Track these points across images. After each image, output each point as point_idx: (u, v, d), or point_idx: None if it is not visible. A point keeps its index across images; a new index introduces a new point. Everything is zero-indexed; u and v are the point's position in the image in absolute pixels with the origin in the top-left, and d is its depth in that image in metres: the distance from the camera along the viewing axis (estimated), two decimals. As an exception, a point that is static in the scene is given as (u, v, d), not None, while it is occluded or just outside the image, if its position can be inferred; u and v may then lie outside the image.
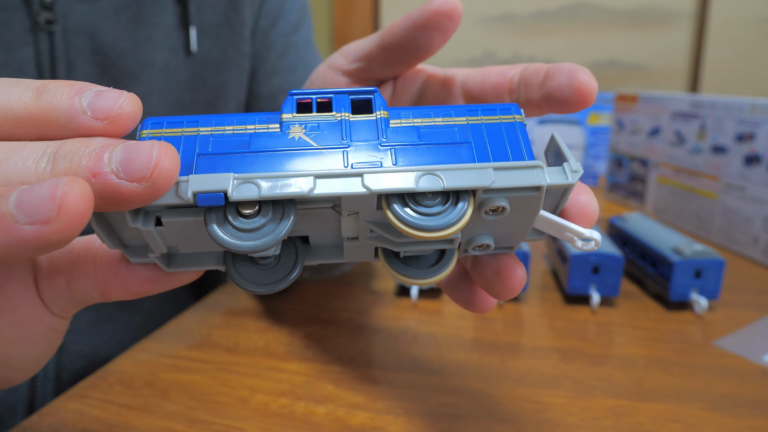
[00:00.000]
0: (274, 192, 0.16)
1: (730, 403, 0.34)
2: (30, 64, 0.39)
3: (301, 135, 0.18)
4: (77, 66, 0.41)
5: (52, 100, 0.16)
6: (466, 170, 0.17)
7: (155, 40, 0.44)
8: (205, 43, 0.47)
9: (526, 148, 0.19)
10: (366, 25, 1.56)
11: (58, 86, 0.17)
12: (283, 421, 0.31)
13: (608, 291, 0.46)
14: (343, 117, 0.18)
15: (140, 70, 0.43)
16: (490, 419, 0.32)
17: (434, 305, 0.47)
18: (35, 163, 0.15)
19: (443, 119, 0.19)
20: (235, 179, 0.16)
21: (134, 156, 0.15)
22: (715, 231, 0.67)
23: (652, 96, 0.81)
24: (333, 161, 0.18)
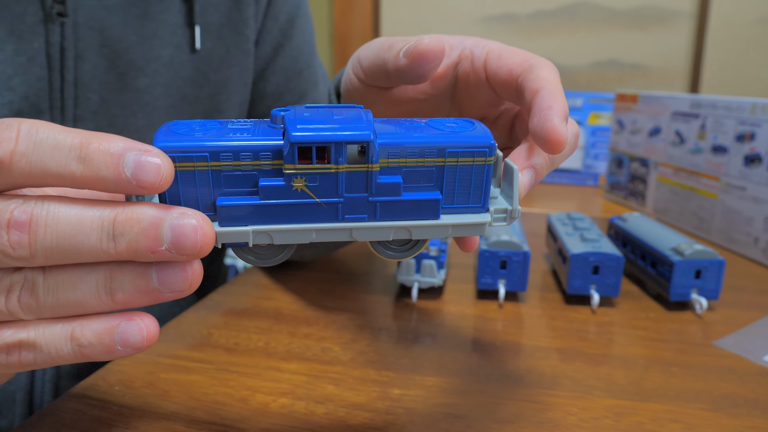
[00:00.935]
0: (282, 241, 0.22)
1: (731, 403, 0.34)
2: (40, 54, 0.40)
3: (303, 188, 0.21)
4: (85, 58, 0.42)
5: (99, 171, 0.18)
6: (428, 228, 0.23)
7: (161, 36, 0.45)
8: (208, 41, 0.49)
9: (485, 193, 0.23)
10: (366, 25, 1.56)
11: (98, 154, 0.18)
12: (283, 421, 0.31)
13: (608, 291, 0.46)
14: (338, 170, 0.21)
15: (146, 63, 0.45)
16: (490, 419, 0.32)
17: (434, 305, 0.47)
18: (99, 241, 0.19)
19: (424, 160, 0.22)
20: (253, 233, 0.21)
21: (183, 239, 0.19)
22: (715, 231, 0.67)
23: (652, 96, 0.81)
24: (329, 213, 0.22)
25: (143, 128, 0.46)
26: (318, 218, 0.22)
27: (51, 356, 0.20)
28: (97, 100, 0.43)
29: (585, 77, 1.46)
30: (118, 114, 0.45)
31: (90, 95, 0.43)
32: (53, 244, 0.19)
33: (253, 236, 0.21)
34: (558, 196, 0.98)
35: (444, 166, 0.22)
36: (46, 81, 0.41)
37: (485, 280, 0.47)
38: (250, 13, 0.52)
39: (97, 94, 0.43)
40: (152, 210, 0.19)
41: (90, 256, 0.19)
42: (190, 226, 0.19)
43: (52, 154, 0.18)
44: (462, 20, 1.51)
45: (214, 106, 0.50)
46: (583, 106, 1.11)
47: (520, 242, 0.47)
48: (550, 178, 1.15)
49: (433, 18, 1.52)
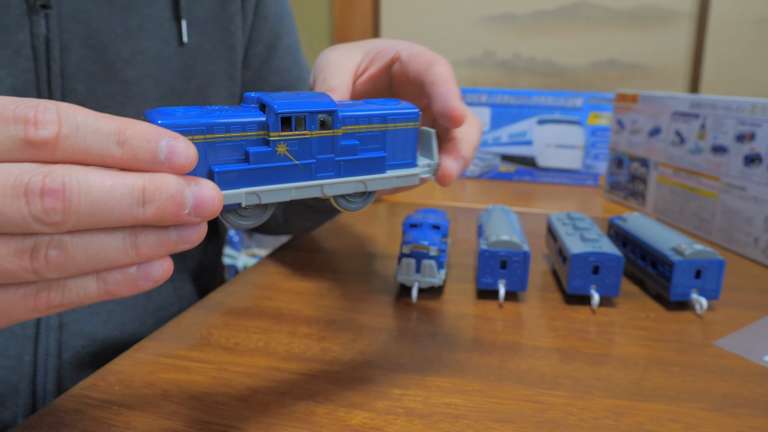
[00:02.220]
0: (268, 200, 0.26)
1: (731, 403, 0.34)
2: (26, 46, 0.40)
3: (285, 152, 0.26)
4: (71, 49, 0.43)
5: (137, 155, 0.21)
6: (379, 180, 0.29)
7: (146, 29, 0.46)
8: (194, 35, 0.50)
9: (413, 151, 0.31)
10: (366, 25, 1.56)
11: (136, 140, 0.21)
12: (283, 420, 0.31)
13: (608, 291, 0.46)
14: (312, 135, 0.27)
15: (132, 56, 0.46)
16: (490, 419, 0.32)
17: (434, 305, 0.47)
18: (129, 207, 0.20)
19: (372, 126, 0.29)
20: (246, 194, 0.25)
21: (203, 204, 0.22)
22: (715, 231, 0.67)
23: (652, 96, 0.81)
24: (305, 173, 0.27)
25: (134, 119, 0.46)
26: (296, 178, 0.27)
27: (78, 296, 0.21)
28: (84, 91, 0.44)
29: (585, 77, 1.46)
30: (107, 105, 0.45)
31: (77, 86, 0.43)
32: (86, 210, 0.19)
33: (246, 197, 0.25)
34: (558, 196, 0.98)
35: (386, 130, 0.29)
36: (33, 72, 0.41)
37: (485, 280, 0.47)
38: (235, 10, 0.53)
39: (84, 85, 0.44)
40: (174, 179, 0.21)
41: (119, 221, 0.20)
42: (208, 192, 0.22)
43: (93, 138, 0.20)
44: (462, 20, 1.51)
45: (202, 99, 0.51)
46: (583, 106, 1.11)
47: (520, 242, 0.47)
48: (551, 179, 1.15)
49: (433, 18, 1.52)
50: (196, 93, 0.51)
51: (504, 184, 1.12)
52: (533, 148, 1.14)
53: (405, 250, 0.47)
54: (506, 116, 1.15)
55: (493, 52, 1.51)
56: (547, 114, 1.13)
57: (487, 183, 1.12)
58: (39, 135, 0.19)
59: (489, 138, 1.17)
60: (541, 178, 1.14)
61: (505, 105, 1.15)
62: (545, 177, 1.14)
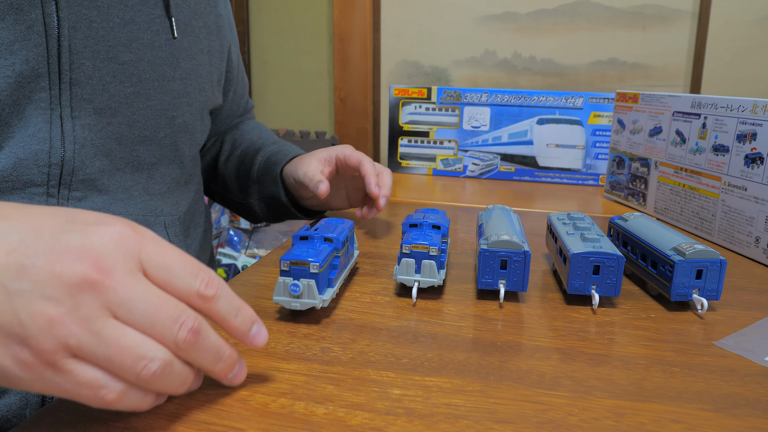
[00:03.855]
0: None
1: (732, 404, 0.34)
2: (38, 23, 0.45)
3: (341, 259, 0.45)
4: (78, 28, 0.47)
5: (242, 325, 0.32)
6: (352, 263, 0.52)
7: (139, 22, 0.52)
8: (180, 32, 0.57)
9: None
10: (366, 25, 1.56)
11: (246, 317, 0.33)
12: (283, 421, 0.31)
13: (609, 291, 0.46)
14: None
15: (129, 42, 0.51)
16: (490, 419, 0.32)
17: (434, 305, 0.47)
18: (214, 361, 0.31)
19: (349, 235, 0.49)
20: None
21: (237, 380, 0.34)
22: (716, 231, 0.67)
23: (653, 95, 0.81)
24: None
25: (131, 95, 0.52)
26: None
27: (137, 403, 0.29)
28: (90, 67, 0.49)
29: (585, 76, 1.46)
30: (109, 81, 0.50)
31: (84, 62, 0.48)
32: (198, 350, 0.30)
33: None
34: (558, 195, 0.98)
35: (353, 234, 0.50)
36: (44, 47, 0.46)
37: (485, 280, 0.47)
38: (210, 21, 0.63)
39: (89, 61, 0.49)
40: (234, 361, 0.33)
41: (207, 366, 0.32)
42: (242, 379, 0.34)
43: (226, 304, 0.31)
44: (462, 19, 1.50)
45: (184, 89, 0.58)
46: (584, 105, 1.11)
47: (520, 242, 0.46)
48: (551, 178, 1.14)
49: (433, 17, 1.52)
50: (181, 82, 0.57)
51: (504, 184, 1.11)
52: (533, 148, 1.14)
53: (405, 250, 0.47)
54: (506, 116, 1.15)
55: (493, 52, 1.50)
56: (547, 114, 1.13)
57: (487, 183, 1.12)
58: (206, 292, 0.30)
59: (489, 138, 1.17)
60: (541, 178, 1.14)
61: (505, 105, 1.15)
62: (545, 177, 1.14)
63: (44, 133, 0.47)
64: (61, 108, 0.47)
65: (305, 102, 1.70)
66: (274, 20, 1.68)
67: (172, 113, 0.56)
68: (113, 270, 0.27)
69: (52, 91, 0.47)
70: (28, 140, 0.46)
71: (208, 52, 0.63)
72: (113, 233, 0.28)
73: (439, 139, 1.19)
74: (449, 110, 1.18)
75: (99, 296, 0.27)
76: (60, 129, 0.47)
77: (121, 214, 0.53)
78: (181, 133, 0.59)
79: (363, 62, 1.58)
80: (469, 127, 1.18)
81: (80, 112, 0.49)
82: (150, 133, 0.55)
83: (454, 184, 1.08)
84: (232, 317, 0.31)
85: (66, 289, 0.26)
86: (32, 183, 0.47)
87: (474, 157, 1.18)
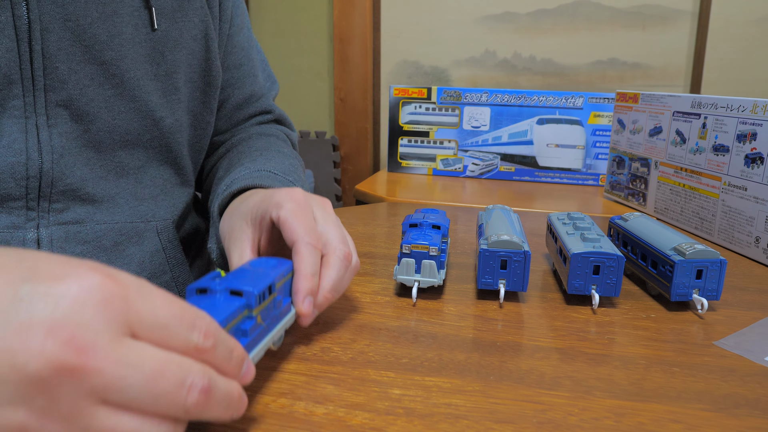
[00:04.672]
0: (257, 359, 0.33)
1: (732, 404, 0.34)
2: (8, 26, 0.42)
3: (259, 319, 0.33)
4: (51, 30, 0.45)
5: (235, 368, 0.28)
6: (290, 320, 0.38)
7: (121, 14, 0.49)
8: (163, 23, 0.53)
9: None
10: (366, 25, 1.56)
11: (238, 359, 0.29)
12: (283, 421, 0.31)
13: (609, 291, 0.46)
14: (268, 302, 0.35)
15: (110, 38, 0.48)
16: (490, 419, 0.32)
17: (434, 305, 0.47)
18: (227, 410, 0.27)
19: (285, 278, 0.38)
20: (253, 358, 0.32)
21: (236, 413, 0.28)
22: (716, 231, 0.67)
23: (653, 95, 0.81)
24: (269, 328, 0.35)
25: (111, 98, 0.49)
26: (264, 335, 0.34)
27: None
28: (65, 70, 0.46)
29: (585, 76, 1.46)
30: (87, 84, 0.47)
31: (58, 65, 0.45)
32: (210, 404, 0.26)
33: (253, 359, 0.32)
34: (558, 195, 0.98)
35: (288, 281, 0.38)
36: (16, 52, 0.43)
37: (485, 280, 0.47)
38: (198, 5, 0.56)
39: (64, 64, 0.46)
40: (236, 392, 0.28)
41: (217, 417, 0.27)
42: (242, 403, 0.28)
43: (222, 352, 0.27)
44: (462, 19, 1.50)
45: (171, 83, 0.54)
46: (584, 105, 1.11)
47: (520, 242, 0.46)
48: (551, 178, 1.14)
49: (433, 17, 1.52)
50: (166, 78, 0.53)
51: (504, 184, 1.11)
52: (533, 148, 1.14)
53: (405, 250, 0.47)
54: (506, 116, 1.15)
55: (493, 52, 1.50)
56: (547, 114, 1.13)
57: (487, 183, 1.12)
58: (205, 345, 0.26)
59: (489, 138, 1.17)
60: (541, 178, 1.14)
61: (505, 105, 1.15)
62: (545, 177, 1.14)
63: (20, 144, 0.45)
64: (37, 116, 0.45)
65: (305, 102, 1.70)
66: (274, 20, 1.68)
67: (160, 114, 0.53)
68: (95, 345, 0.21)
69: (26, 98, 0.44)
70: (3, 152, 0.44)
71: (204, 37, 0.57)
72: (89, 290, 0.22)
73: (439, 139, 1.19)
74: (449, 110, 1.18)
75: (81, 384, 0.21)
76: (36, 138, 0.45)
77: (107, 222, 0.51)
78: (172, 134, 0.55)
79: (363, 62, 1.58)
80: (469, 127, 1.18)
81: (57, 120, 0.46)
82: (133, 137, 0.52)
83: (454, 184, 1.08)
84: (227, 362, 0.28)
85: (35, 386, 0.20)
86: (10, 197, 0.45)
87: (474, 157, 1.18)
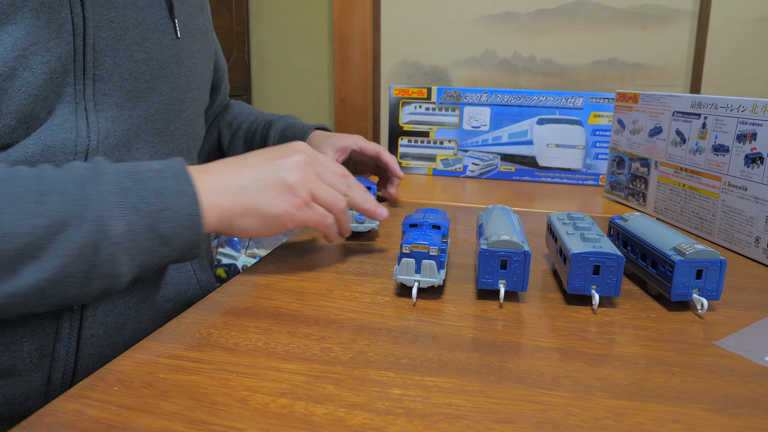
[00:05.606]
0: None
1: (732, 404, 0.34)
2: (68, 22, 0.48)
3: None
4: (101, 28, 0.50)
5: (375, 207, 0.58)
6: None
7: (148, 23, 0.56)
8: (181, 32, 0.61)
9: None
10: (366, 25, 1.56)
11: (371, 203, 0.57)
12: (282, 421, 0.31)
13: (609, 291, 0.46)
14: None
15: (141, 41, 0.55)
16: (490, 419, 0.32)
17: (434, 305, 0.47)
18: (363, 200, 0.57)
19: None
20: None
21: (383, 214, 0.58)
22: (716, 231, 0.67)
23: (653, 95, 0.81)
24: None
25: (145, 91, 0.56)
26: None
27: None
28: (111, 64, 0.52)
29: (585, 76, 1.46)
30: (127, 78, 0.53)
31: (106, 59, 0.51)
32: (355, 191, 0.57)
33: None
34: (558, 195, 0.98)
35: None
36: (72, 45, 0.48)
37: (485, 280, 0.47)
38: (202, 21, 0.67)
39: (110, 59, 0.52)
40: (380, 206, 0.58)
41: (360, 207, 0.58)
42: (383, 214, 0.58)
43: (359, 192, 0.57)
44: (462, 19, 1.50)
45: (188, 85, 0.62)
46: (584, 105, 1.11)
47: (520, 242, 0.46)
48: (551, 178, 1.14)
49: (433, 17, 1.52)
50: (184, 80, 0.61)
51: (504, 184, 1.11)
52: (533, 148, 1.14)
53: (405, 250, 0.47)
54: (506, 116, 1.15)
55: (493, 52, 1.50)
56: (547, 114, 1.13)
57: (487, 183, 1.12)
58: (348, 192, 0.55)
59: (489, 138, 1.17)
60: (541, 178, 1.14)
61: (505, 105, 1.15)
62: (545, 177, 1.14)
63: (71, 123, 0.49)
64: (86, 101, 0.50)
65: (305, 102, 1.70)
66: (274, 20, 1.68)
67: (179, 107, 0.60)
68: (312, 164, 0.52)
69: (77, 86, 0.49)
70: (56, 129, 0.48)
71: (204, 52, 0.67)
72: (296, 161, 0.51)
73: (439, 139, 1.19)
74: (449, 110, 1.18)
75: (313, 169, 0.52)
76: (85, 121, 0.50)
77: None
78: (187, 126, 0.62)
79: (363, 62, 1.58)
80: (469, 127, 1.18)
81: (103, 106, 0.51)
82: (162, 125, 0.58)
83: (454, 184, 1.08)
84: (362, 202, 0.56)
85: (300, 165, 0.51)
86: None
87: (474, 157, 1.18)
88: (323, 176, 0.52)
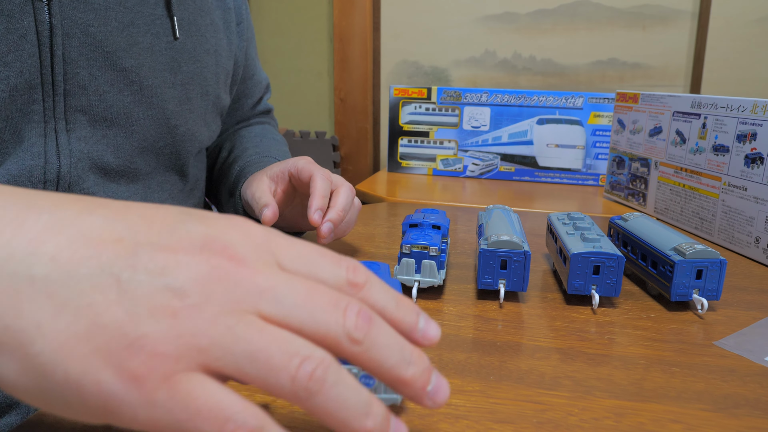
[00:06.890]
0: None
1: (732, 404, 0.34)
2: (30, 32, 0.42)
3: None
4: (72, 35, 0.45)
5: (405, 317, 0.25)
6: None
7: (138, 24, 0.49)
8: (182, 34, 0.54)
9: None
10: (366, 25, 1.56)
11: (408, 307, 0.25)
12: (283, 421, 0.31)
13: (609, 291, 0.46)
14: None
15: (129, 46, 0.49)
16: (490, 419, 0.32)
17: (434, 305, 0.47)
18: (399, 363, 0.23)
19: None
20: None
21: (439, 396, 0.24)
22: (716, 231, 0.67)
23: (653, 95, 0.81)
24: None
25: (130, 104, 0.50)
26: None
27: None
28: (85, 76, 0.46)
29: (585, 76, 1.46)
30: (107, 90, 0.48)
31: (78, 71, 0.46)
32: (375, 342, 0.23)
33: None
34: (558, 195, 0.98)
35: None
36: (37, 57, 0.43)
37: (485, 280, 0.47)
38: (209, 20, 0.58)
39: (85, 70, 0.46)
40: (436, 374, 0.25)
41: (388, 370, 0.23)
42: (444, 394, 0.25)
43: (379, 292, 0.25)
44: (462, 19, 1.50)
45: (185, 93, 0.55)
46: (584, 105, 1.11)
47: (520, 242, 0.46)
48: (551, 179, 1.14)
49: (433, 17, 1.52)
50: (181, 88, 0.54)
51: (504, 184, 1.11)
52: (533, 148, 1.14)
53: (405, 250, 0.47)
54: (506, 116, 1.15)
55: (494, 52, 1.50)
56: (547, 114, 1.13)
57: (487, 183, 1.12)
58: (357, 279, 0.24)
59: (489, 138, 1.17)
60: (541, 178, 1.14)
61: (505, 105, 1.15)
62: (545, 177, 1.14)
63: (38, 148, 0.45)
64: (56, 121, 0.45)
65: (305, 102, 1.70)
66: (274, 20, 1.68)
67: (174, 122, 0.54)
68: (246, 259, 0.22)
69: (46, 102, 0.45)
70: (22, 155, 0.44)
71: (214, 52, 0.59)
72: (236, 224, 0.23)
73: (439, 139, 1.19)
74: (449, 110, 1.18)
75: (235, 288, 0.21)
76: (55, 143, 0.46)
77: None
78: (183, 142, 0.56)
79: (363, 62, 1.58)
80: (469, 127, 1.18)
81: (75, 124, 0.47)
82: (149, 143, 0.53)
83: (454, 184, 1.08)
84: (392, 308, 0.25)
85: (193, 280, 0.21)
86: None
87: (474, 157, 1.18)
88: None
